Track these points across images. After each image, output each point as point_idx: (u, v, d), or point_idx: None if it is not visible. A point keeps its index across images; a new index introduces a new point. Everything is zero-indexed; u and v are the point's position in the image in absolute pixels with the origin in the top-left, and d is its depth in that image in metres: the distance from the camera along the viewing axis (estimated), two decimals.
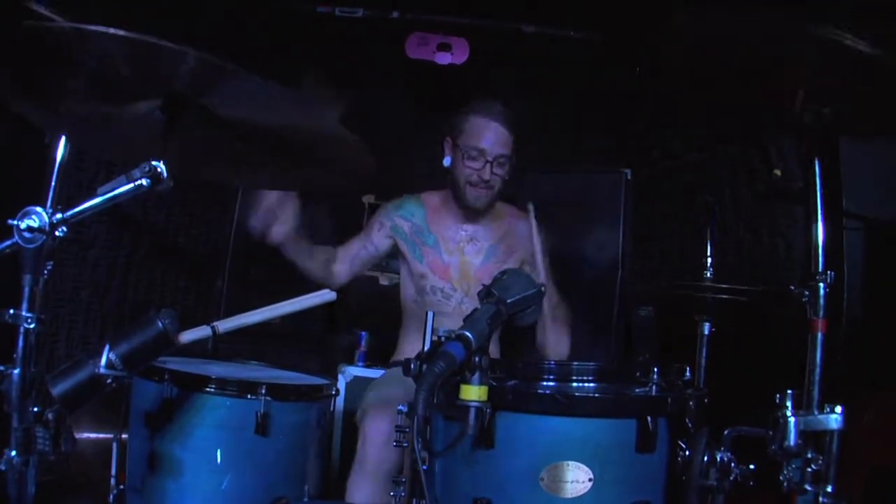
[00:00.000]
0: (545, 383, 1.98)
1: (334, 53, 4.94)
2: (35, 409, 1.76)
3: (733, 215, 4.66)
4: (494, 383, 1.80)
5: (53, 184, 1.86)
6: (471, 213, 3.31)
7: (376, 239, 3.39)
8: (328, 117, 1.84)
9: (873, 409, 2.57)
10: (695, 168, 5.04)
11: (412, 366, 1.74)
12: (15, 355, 1.72)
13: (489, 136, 3.13)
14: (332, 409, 2.82)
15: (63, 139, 1.92)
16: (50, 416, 1.78)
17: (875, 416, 2.44)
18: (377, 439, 2.70)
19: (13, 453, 1.70)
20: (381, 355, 3.90)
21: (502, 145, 3.14)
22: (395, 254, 3.51)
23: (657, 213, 5.19)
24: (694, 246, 4.62)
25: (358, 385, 3.76)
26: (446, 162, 3.28)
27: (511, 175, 3.26)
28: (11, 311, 1.72)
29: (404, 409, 2.11)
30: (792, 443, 2.17)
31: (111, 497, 2.63)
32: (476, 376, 1.72)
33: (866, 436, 2.33)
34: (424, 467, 1.76)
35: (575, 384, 1.98)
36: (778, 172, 4.02)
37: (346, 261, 3.37)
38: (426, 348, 1.81)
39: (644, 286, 4.95)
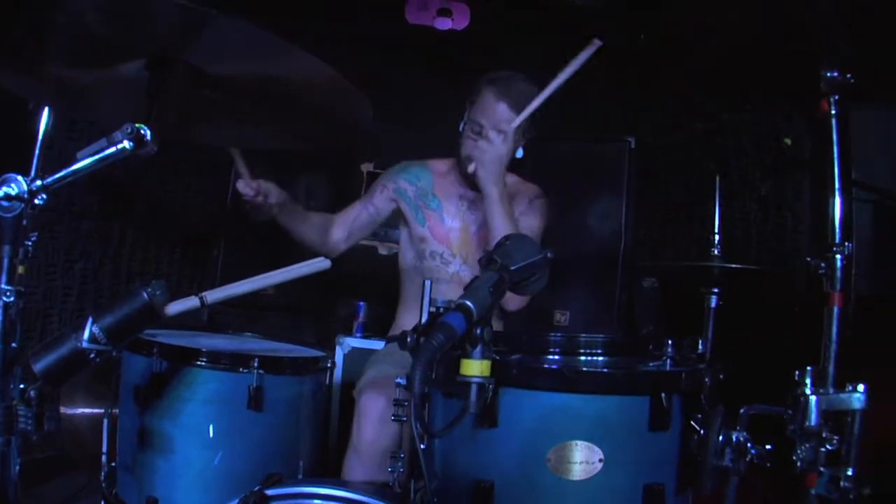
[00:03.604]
0: (552, 357, 1.88)
1: (333, 17, 4.83)
2: (17, 387, 1.68)
3: (739, 186, 4.59)
4: (497, 357, 1.69)
5: (37, 152, 1.77)
6: (473, 182, 3.25)
7: (378, 201, 3.38)
8: (319, 63, 1.76)
9: (881, 388, 2.49)
10: (700, 138, 4.97)
11: (409, 339, 1.63)
12: None
13: (493, 114, 3.08)
14: (328, 382, 2.74)
15: (47, 109, 1.83)
16: (32, 393, 1.70)
17: (883, 394, 2.36)
18: (373, 418, 2.64)
19: None
20: (379, 326, 3.83)
21: (505, 125, 3.05)
22: (393, 222, 3.46)
23: (662, 183, 5.12)
24: (699, 217, 4.57)
25: (356, 356, 3.71)
26: (462, 126, 3.25)
27: (521, 147, 3.21)
28: None
29: (403, 381, 2.03)
30: (814, 422, 2.08)
31: (102, 474, 2.59)
32: (478, 350, 1.60)
33: (875, 415, 2.24)
34: (423, 446, 1.67)
35: (583, 358, 1.88)
36: (788, 141, 3.95)
37: (345, 225, 3.36)
38: (424, 320, 1.70)
39: (648, 257, 4.89)
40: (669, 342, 1.85)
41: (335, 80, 1.82)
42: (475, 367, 1.61)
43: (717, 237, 3.18)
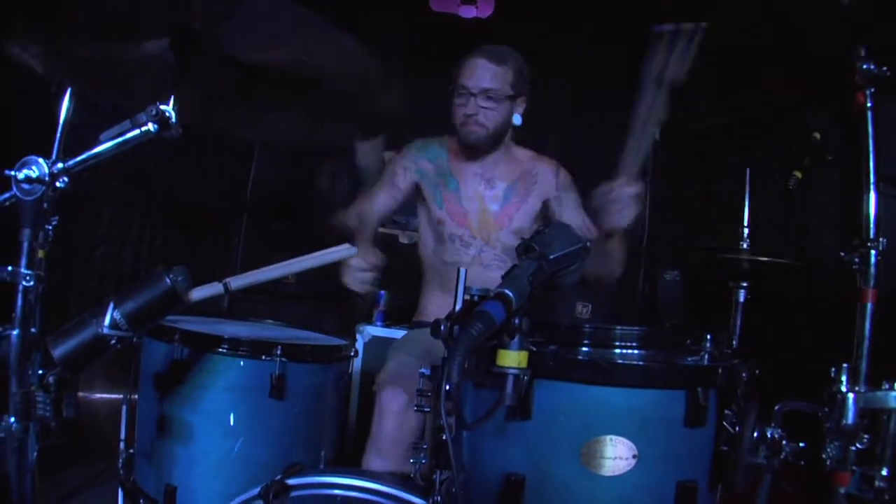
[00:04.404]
0: (587, 349, 1.84)
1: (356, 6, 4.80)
2: (36, 373, 1.67)
3: (765, 180, 4.54)
4: (533, 348, 1.65)
5: (59, 135, 1.74)
6: (476, 152, 3.24)
7: (402, 183, 3.32)
8: (347, 42, 1.73)
9: None
10: (726, 130, 4.92)
11: (442, 327, 1.60)
12: (14, 315, 1.63)
13: (474, 72, 3.09)
14: (349, 370, 2.72)
15: (69, 92, 1.80)
16: (51, 379, 1.67)
17: None
18: (393, 414, 2.61)
19: (12, 420, 1.63)
20: (400, 315, 3.80)
21: (488, 80, 3.09)
22: (413, 208, 3.41)
23: (685, 175, 5.08)
24: (722, 210, 4.53)
25: (376, 345, 3.68)
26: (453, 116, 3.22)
27: (519, 115, 3.23)
28: (10, 269, 1.61)
29: (427, 372, 1.99)
30: (850, 421, 2.04)
31: (120, 461, 2.58)
32: (516, 340, 1.57)
33: None
34: (451, 437, 1.63)
35: (619, 351, 1.83)
36: (817, 135, 3.89)
37: (379, 217, 3.31)
38: (458, 307, 1.66)
39: (671, 250, 4.85)
40: (709, 337, 1.81)
41: (365, 61, 1.79)
42: (512, 359, 1.57)
43: (745, 231, 3.14)
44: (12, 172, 1.62)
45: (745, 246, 3.12)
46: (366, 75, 1.87)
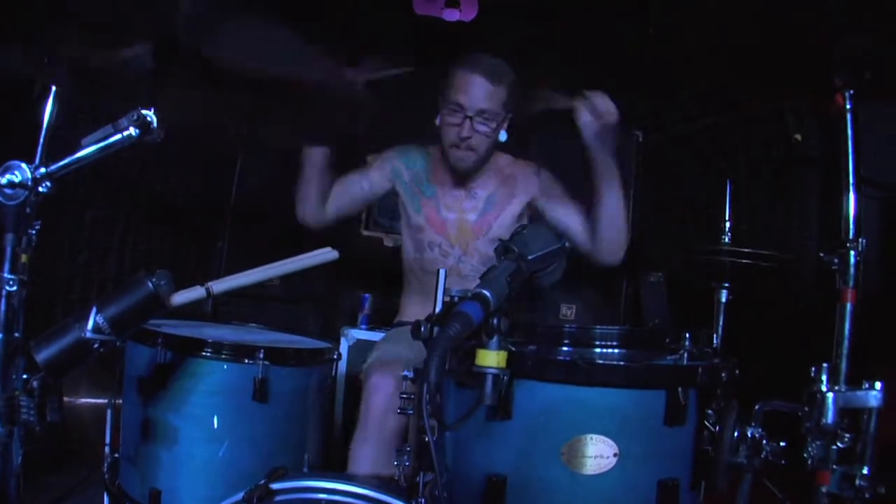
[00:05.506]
0: (568, 349, 1.84)
1: (339, 8, 4.79)
2: (20, 377, 1.67)
3: (748, 181, 4.57)
4: (513, 348, 1.67)
5: (41, 139, 1.74)
6: (462, 175, 3.17)
7: (374, 176, 3.25)
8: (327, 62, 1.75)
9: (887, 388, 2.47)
10: (709, 133, 4.94)
11: (422, 328, 1.60)
12: None
13: (470, 90, 2.96)
14: (333, 373, 2.72)
15: (52, 96, 1.80)
16: (35, 384, 1.67)
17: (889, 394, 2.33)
18: (383, 397, 2.59)
19: None
20: (384, 318, 3.81)
21: (485, 100, 2.97)
22: (396, 212, 3.39)
23: (669, 177, 5.09)
24: (707, 211, 4.55)
25: (361, 348, 3.68)
26: (438, 120, 3.11)
27: (504, 130, 3.13)
28: None
29: (410, 374, 2.00)
30: (830, 420, 2.06)
31: (105, 466, 2.58)
32: (494, 340, 1.58)
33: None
34: (433, 438, 1.63)
35: (599, 350, 1.84)
36: (798, 137, 3.92)
37: (337, 195, 3.19)
38: (437, 309, 1.67)
39: (655, 252, 4.87)
40: (687, 336, 1.82)
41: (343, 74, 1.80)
42: (491, 358, 1.58)
43: (727, 232, 3.15)
44: None
45: (726, 247, 3.13)
46: (347, 92, 1.89)
